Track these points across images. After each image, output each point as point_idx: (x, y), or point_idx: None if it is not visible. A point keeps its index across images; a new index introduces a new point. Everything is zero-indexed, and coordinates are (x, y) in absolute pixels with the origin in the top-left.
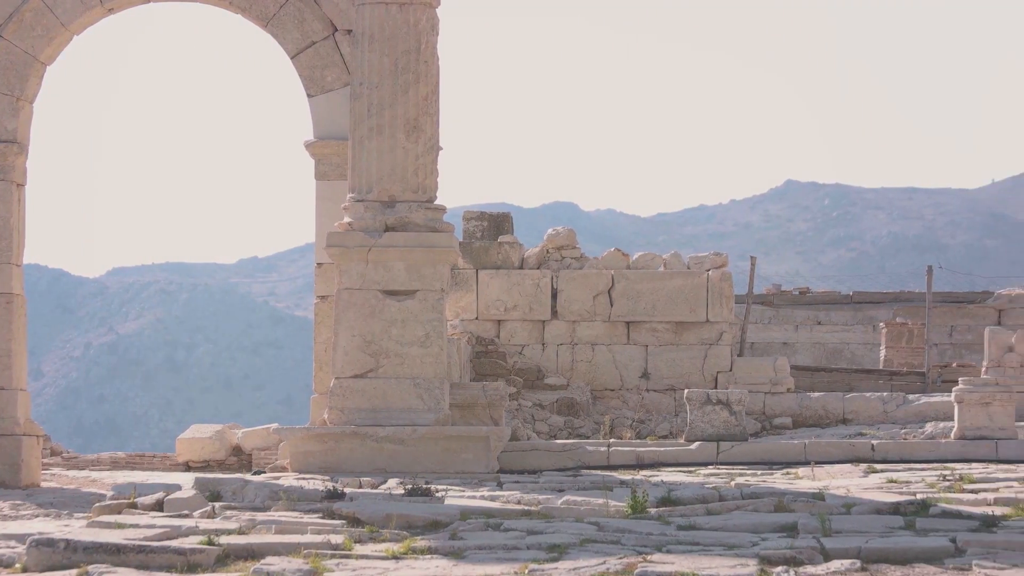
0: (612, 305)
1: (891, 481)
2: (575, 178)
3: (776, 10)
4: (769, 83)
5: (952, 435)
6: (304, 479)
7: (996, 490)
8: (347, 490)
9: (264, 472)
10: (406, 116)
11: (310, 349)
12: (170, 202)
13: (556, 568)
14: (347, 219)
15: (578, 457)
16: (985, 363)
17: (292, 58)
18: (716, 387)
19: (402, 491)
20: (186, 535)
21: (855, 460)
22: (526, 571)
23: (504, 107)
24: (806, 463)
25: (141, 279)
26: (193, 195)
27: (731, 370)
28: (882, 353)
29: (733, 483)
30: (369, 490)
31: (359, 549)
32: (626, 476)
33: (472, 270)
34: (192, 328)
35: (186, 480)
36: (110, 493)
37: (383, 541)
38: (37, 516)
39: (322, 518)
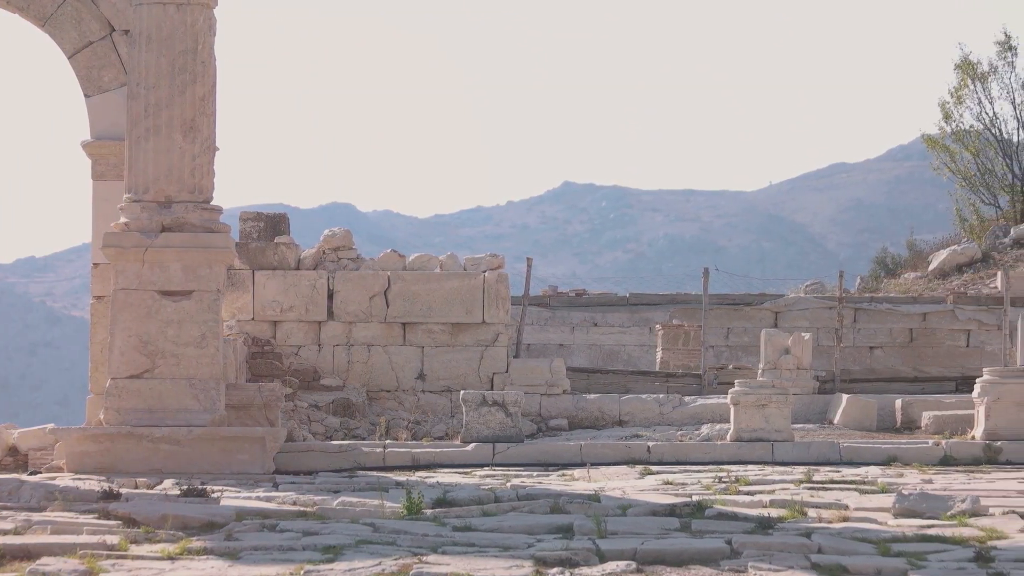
0: (388, 306)
1: (667, 483)
2: (352, 179)
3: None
4: (545, 84)
5: (728, 437)
6: (80, 479)
7: (772, 492)
8: (123, 491)
9: (40, 472)
10: (183, 117)
11: (87, 349)
12: None
13: (331, 569)
14: (123, 219)
15: (354, 458)
16: (761, 365)
17: (69, 58)
18: (492, 388)
19: (178, 492)
20: None
21: (631, 462)
22: (301, 572)
23: (281, 108)
24: (582, 465)
25: None
26: None
27: (507, 371)
28: (658, 355)
29: (509, 484)
30: (145, 491)
31: (135, 550)
32: (402, 477)
33: (248, 271)
34: None
35: None
36: None
37: (159, 542)
38: None
39: (98, 519)
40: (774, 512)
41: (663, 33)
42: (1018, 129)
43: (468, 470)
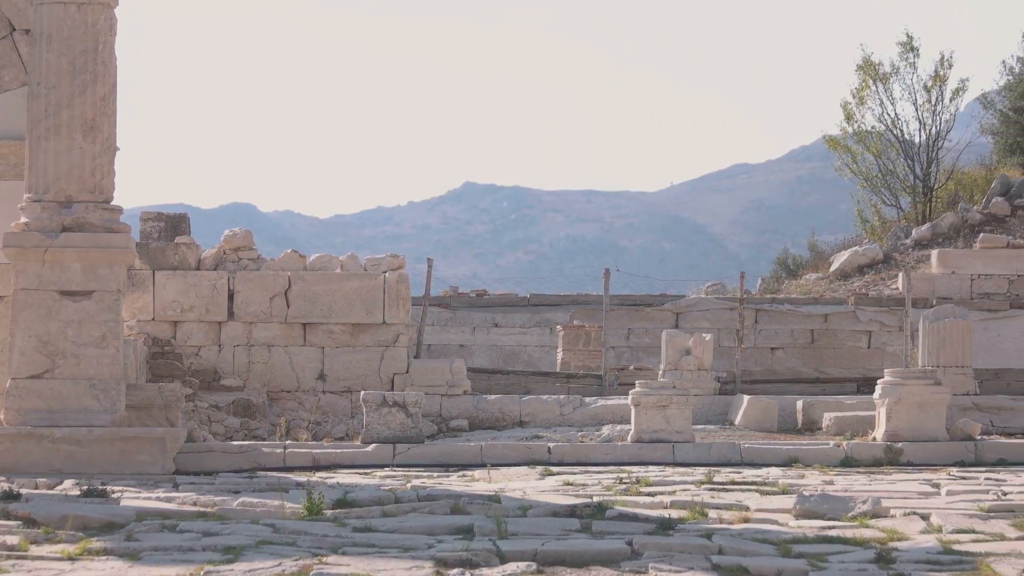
0: (289, 307)
1: (568, 484)
2: (253, 179)
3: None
4: (447, 85)
5: (629, 438)
6: None
7: (673, 493)
8: (23, 491)
9: None
10: (83, 117)
11: None
12: None
13: (231, 570)
14: (24, 219)
15: (254, 459)
16: (662, 366)
17: None
18: (393, 389)
19: (78, 492)
20: None
21: (532, 463)
22: (201, 572)
23: (182, 108)
24: (482, 465)
25: None
26: None
27: (408, 372)
28: (559, 356)
29: (409, 485)
30: (45, 491)
31: (35, 550)
32: (302, 478)
33: (149, 271)
34: None
35: None
36: None
37: (59, 542)
38: None
39: None
40: (675, 513)
41: (565, 33)
42: (920, 130)
43: (368, 471)
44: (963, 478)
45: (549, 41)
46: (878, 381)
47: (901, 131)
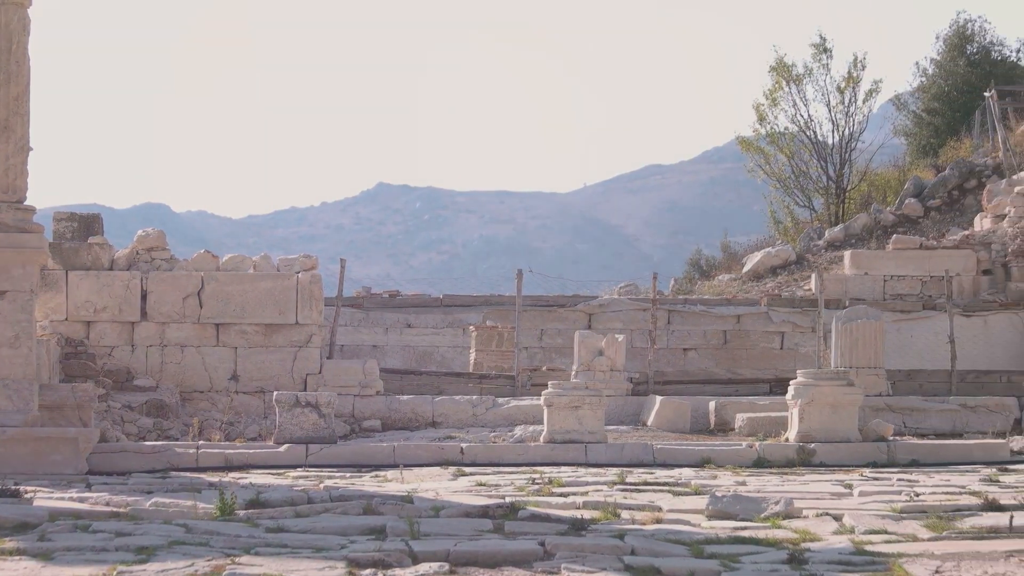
0: (202, 307)
1: (480, 484)
2: (167, 180)
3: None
4: (359, 86)
5: (541, 439)
6: None
7: (585, 494)
8: None
9: None
10: None
11: None
12: None
13: (144, 570)
14: None
15: (167, 459)
16: (575, 367)
17: None
18: (306, 389)
19: None
20: None
21: (444, 463)
22: (114, 573)
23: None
24: (395, 466)
25: None
26: None
27: (320, 372)
28: (472, 356)
29: (322, 485)
30: None
31: None
32: (215, 478)
33: (62, 271)
34: None
35: None
36: None
37: None
38: None
39: None
40: (587, 514)
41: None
42: (833, 131)
43: (281, 471)
44: (876, 479)
45: (461, 41)
46: (791, 382)
47: (814, 132)
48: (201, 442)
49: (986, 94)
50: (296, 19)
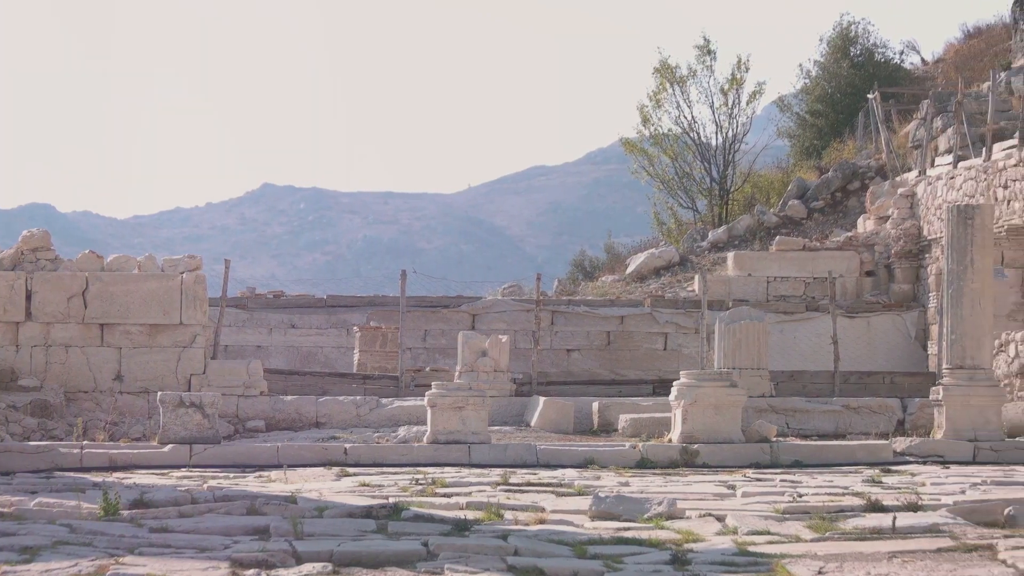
0: (87, 307)
1: (364, 485)
2: (52, 180)
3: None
4: (243, 86)
5: (425, 439)
6: None
7: (469, 494)
8: None
9: None
10: None
11: None
12: None
13: (28, 570)
14: None
15: (52, 459)
16: (459, 367)
17: None
18: (190, 390)
19: None
20: None
21: (328, 463)
22: None
23: None
24: (279, 466)
25: None
26: None
27: (205, 373)
28: (356, 357)
29: (206, 486)
30: None
31: None
32: (99, 478)
33: None
34: None
35: None
36: None
37: None
38: None
39: None
40: (471, 514)
41: (359, 33)
42: (716, 133)
43: (165, 471)
44: (759, 480)
45: (343, 42)
46: (674, 383)
47: (698, 134)
48: (85, 442)
49: (869, 96)
50: (179, 19)
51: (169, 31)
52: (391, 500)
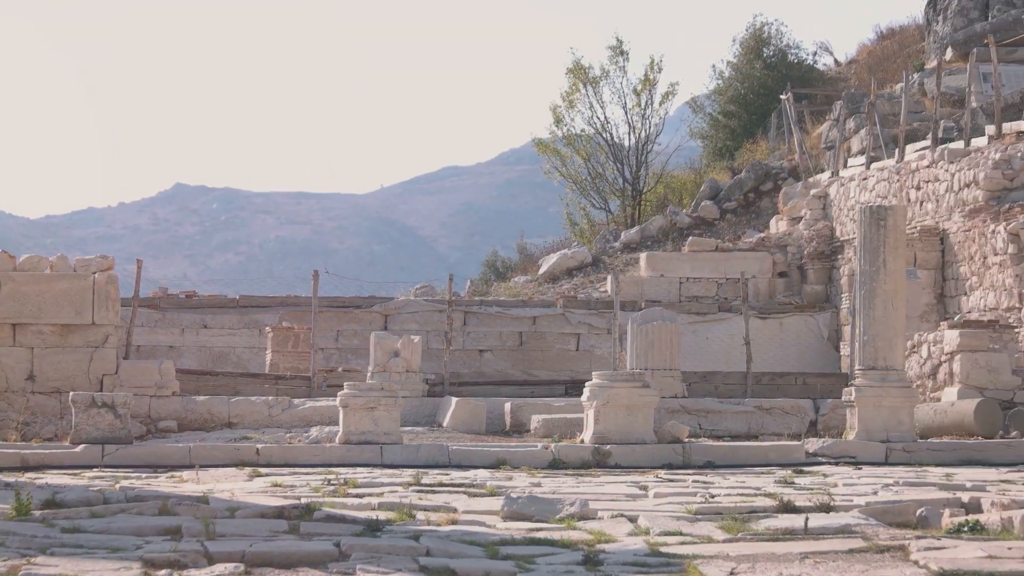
0: None
1: (276, 485)
2: None
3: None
4: (156, 85)
5: (337, 440)
6: None
7: (381, 495)
8: None
9: None
10: None
11: None
12: None
13: None
14: None
15: None
16: (371, 368)
17: None
18: (102, 390)
19: None
20: None
21: (240, 464)
22: None
23: None
24: (191, 467)
25: None
26: None
27: (117, 373)
28: (268, 357)
29: (118, 486)
30: None
31: None
32: (11, 479)
33: None
34: None
35: None
36: None
37: None
38: None
39: None
40: (383, 515)
41: (272, 34)
42: (629, 134)
43: (78, 472)
44: (671, 480)
45: (256, 42)
46: (586, 384)
47: (611, 135)
48: None
49: (782, 97)
50: (86, 16)
51: (75, 28)
52: (303, 500)
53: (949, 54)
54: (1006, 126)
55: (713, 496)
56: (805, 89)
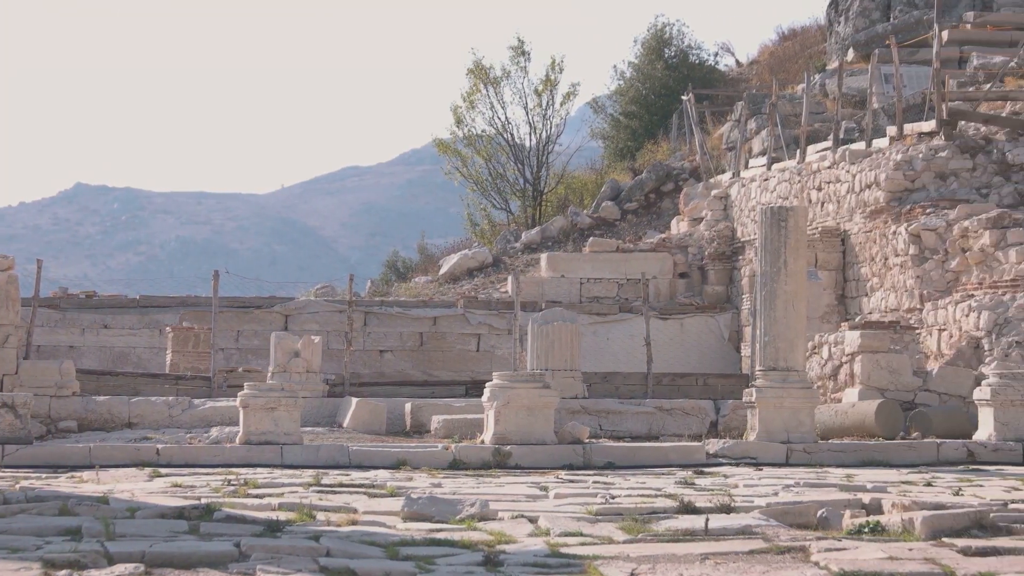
0: None
1: (176, 485)
2: None
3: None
4: (55, 84)
5: (237, 440)
6: None
7: (281, 495)
8: None
9: None
10: None
11: None
12: None
13: None
14: None
15: None
16: (271, 368)
17: None
18: (2, 390)
19: None
20: None
21: (140, 464)
22: None
23: None
24: (91, 467)
25: None
26: None
27: (17, 373)
28: (168, 357)
29: (18, 486)
30: None
31: None
32: None
33: None
34: None
35: None
36: None
37: None
38: None
39: None
40: (283, 515)
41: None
42: (530, 134)
43: None
44: (572, 481)
45: (154, 40)
46: (487, 384)
47: (512, 135)
48: None
49: (683, 97)
50: None
51: None
52: (203, 501)
53: (851, 55)
54: (907, 127)
55: (614, 497)
56: (706, 90)
